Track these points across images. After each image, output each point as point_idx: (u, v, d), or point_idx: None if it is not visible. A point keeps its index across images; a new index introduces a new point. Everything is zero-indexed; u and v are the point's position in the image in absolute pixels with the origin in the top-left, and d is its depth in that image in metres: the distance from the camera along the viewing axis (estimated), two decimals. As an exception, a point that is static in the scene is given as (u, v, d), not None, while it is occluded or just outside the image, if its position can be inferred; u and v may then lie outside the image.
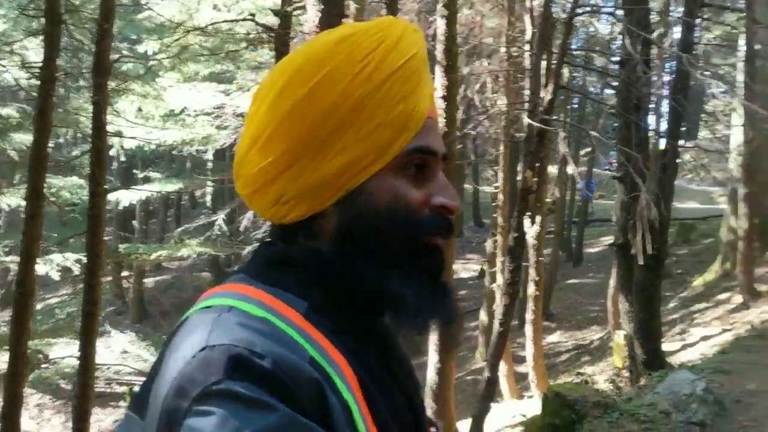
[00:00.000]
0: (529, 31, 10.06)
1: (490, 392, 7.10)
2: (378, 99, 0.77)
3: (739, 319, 10.22)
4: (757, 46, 11.53)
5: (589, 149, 21.63)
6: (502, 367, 12.42)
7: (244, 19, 8.20)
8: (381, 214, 0.77)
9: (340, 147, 0.77)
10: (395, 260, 0.78)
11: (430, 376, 8.05)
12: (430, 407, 8.28)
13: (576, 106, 20.97)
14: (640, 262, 6.23)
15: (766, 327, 8.48)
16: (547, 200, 21.44)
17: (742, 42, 11.59)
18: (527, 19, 10.30)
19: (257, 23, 7.75)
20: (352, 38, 0.79)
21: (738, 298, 11.78)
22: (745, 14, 10.14)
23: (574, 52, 13.75)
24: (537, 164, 9.35)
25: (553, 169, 19.25)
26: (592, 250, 21.62)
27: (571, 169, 10.11)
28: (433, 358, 7.99)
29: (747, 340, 7.94)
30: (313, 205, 0.79)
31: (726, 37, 15.05)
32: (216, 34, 8.91)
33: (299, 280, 0.77)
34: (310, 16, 4.75)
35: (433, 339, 8.26)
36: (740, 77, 11.54)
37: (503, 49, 12.57)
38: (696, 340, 10.11)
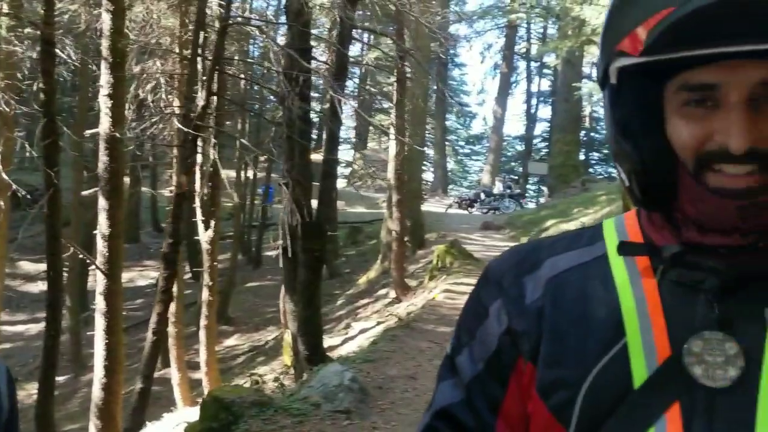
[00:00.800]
0: (201, 35, 10.03)
1: (143, 404, 6.87)
2: None
3: (392, 311, 11.41)
4: (408, 69, 13.05)
5: (266, 155, 22.24)
6: (175, 375, 12.17)
7: None
8: None
9: None
10: None
11: (96, 392, 7.58)
12: (95, 426, 7.76)
13: (257, 110, 21.41)
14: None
15: (411, 317, 9.61)
16: (228, 204, 21.64)
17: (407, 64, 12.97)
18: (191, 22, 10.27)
19: None
20: None
21: (392, 293, 13.18)
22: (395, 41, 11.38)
23: (239, 61, 13.99)
24: (210, 169, 9.40)
25: (231, 174, 19.41)
26: (270, 253, 22.28)
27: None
28: (98, 373, 7.53)
29: (394, 330, 8.90)
30: None
31: (384, 57, 16.68)
32: None
33: None
34: None
35: (99, 354, 7.80)
36: (395, 96, 12.94)
37: (177, 50, 12.34)
38: (356, 333, 11.04)
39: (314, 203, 8.66)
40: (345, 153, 32.88)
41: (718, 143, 0.69)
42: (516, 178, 33.11)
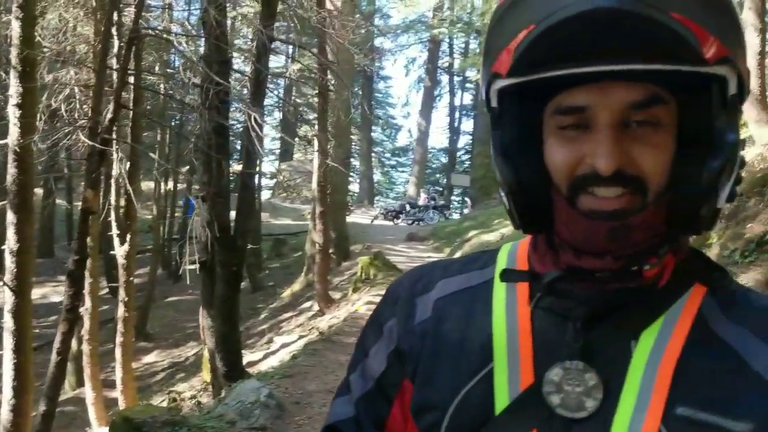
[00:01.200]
0: (116, 44, 9.76)
1: (46, 428, 6.58)
2: None
3: (314, 325, 11.32)
4: (332, 81, 13.05)
5: (187, 167, 21.78)
6: (90, 395, 11.72)
7: None
8: None
9: None
10: None
11: (4, 414, 7.21)
12: (2, 449, 7.39)
13: (178, 121, 20.96)
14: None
15: (332, 331, 9.55)
16: (148, 217, 21.04)
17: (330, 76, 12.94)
18: (114, 32, 9.99)
19: None
20: None
21: (316, 306, 13.09)
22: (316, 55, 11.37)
23: (151, 73, 13.67)
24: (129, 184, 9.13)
25: (150, 186, 18.92)
26: (191, 267, 21.77)
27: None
28: (7, 394, 7.18)
29: (314, 344, 8.83)
30: None
31: (307, 69, 16.60)
32: None
33: None
34: None
35: (7, 374, 7.42)
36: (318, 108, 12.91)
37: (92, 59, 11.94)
38: (278, 348, 10.90)
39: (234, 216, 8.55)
40: (270, 164, 32.54)
41: (589, 166, 0.69)
42: (440, 189, 33.56)
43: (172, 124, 21.18)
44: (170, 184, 20.72)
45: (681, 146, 0.71)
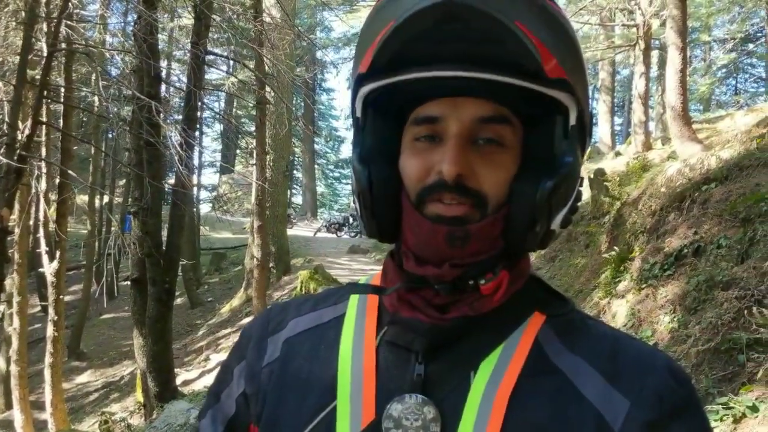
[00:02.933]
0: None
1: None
2: None
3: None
4: (271, 93, 12.96)
5: (123, 181, 21.31)
6: (18, 418, 11.28)
7: None
8: None
9: None
10: None
11: None
12: None
13: (111, 136, 20.47)
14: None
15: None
16: (83, 231, 20.43)
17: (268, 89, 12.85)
18: (43, 44, 9.71)
19: None
20: None
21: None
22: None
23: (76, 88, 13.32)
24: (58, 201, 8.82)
25: (85, 200, 18.41)
26: (127, 283, 21.26)
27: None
28: None
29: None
30: None
31: (248, 81, 16.45)
32: None
33: None
34: None
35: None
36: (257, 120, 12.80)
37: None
38: (214, 366, 10.72)
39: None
40: (210, 177, 32.09)
41: (436, 174, 0.73)
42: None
43: (109, 136, 20.69)
44: (106, 199, 20.19)
45: (523, 166, 0.75)
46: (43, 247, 10.60)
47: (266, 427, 0.80)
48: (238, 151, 32.44)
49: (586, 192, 11.09)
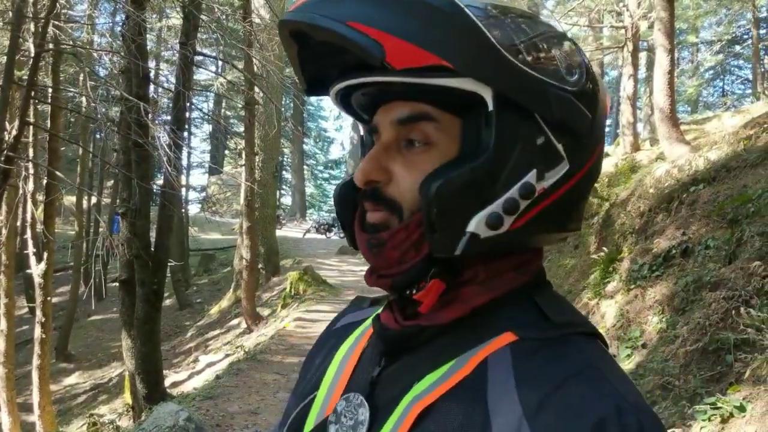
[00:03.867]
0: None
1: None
2: None
3: (240, 343, 11.13)
4: (260, 94, 12.94)
5: (111, 182, 21.18)
6: (6, 420, 11.19)
7: None
8: None
9: None
10: None
11: None
12: None
13: (99, 136, 20.34)
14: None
15: (257, 349, 9.41)
16: (72, 232, 20.27)
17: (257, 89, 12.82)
18: (31, 45, 9.64)
19: None
20: None
21: (244, 323, 12.88)
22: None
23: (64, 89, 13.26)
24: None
25: (71, 201, 18.29)
26: (115, 285, 21.14)
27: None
28: None
29: (239, 364, 8.68)
30: None
31: (237, 81, 16.43)
32: None
33: None
34: None
35: None
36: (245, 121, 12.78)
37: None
38: (203, 368, 10.67)
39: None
40: (199, 177, 31.97)
41: None
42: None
43: (97, 137, 20.56)
44: (94, 199, 20.06)
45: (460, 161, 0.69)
46: (31, 249, 10.51)
47: (288, 408, 0.85)
48: (227, 152, 32.39)
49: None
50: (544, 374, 0.64)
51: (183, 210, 19.36)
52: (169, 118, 8.86)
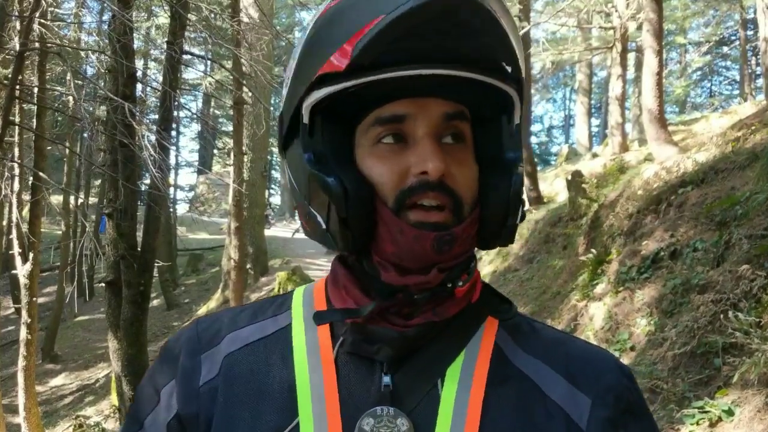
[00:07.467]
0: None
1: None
2: None
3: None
4: (248, 93, 12.88)
5: (99, 182, 21.05)
6: (-10, 424, 11.10)
7: None
8: None
9: None
10: None
11: None
12: None
13: (86, 136, 20.18)
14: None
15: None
16: (58, 232, 20.12)
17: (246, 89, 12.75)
18: (15, 43, 9.55)
19: None
20: None
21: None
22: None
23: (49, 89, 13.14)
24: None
25: (58, 201, 18.16)
26: (102, 285, 21.02)
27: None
28: None
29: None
30: None
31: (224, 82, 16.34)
32: None
33: None
34: None
35: None
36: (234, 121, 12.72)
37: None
38: (191, 369, 10.59)
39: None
40: (188, 177, 31.83)
41: (415, 177, 0.69)
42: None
43: (84, 137, 20.39)
44: (80, 199, 19.91)
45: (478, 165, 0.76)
46: (16, 249, 10.39)
47: None
48: (215, 152, 32.25)
49: (563, 193, 11.14)
50: (546, 345, 0.78)
51: (171, 210, 19.27)
52: (157, 117, 8.79)
